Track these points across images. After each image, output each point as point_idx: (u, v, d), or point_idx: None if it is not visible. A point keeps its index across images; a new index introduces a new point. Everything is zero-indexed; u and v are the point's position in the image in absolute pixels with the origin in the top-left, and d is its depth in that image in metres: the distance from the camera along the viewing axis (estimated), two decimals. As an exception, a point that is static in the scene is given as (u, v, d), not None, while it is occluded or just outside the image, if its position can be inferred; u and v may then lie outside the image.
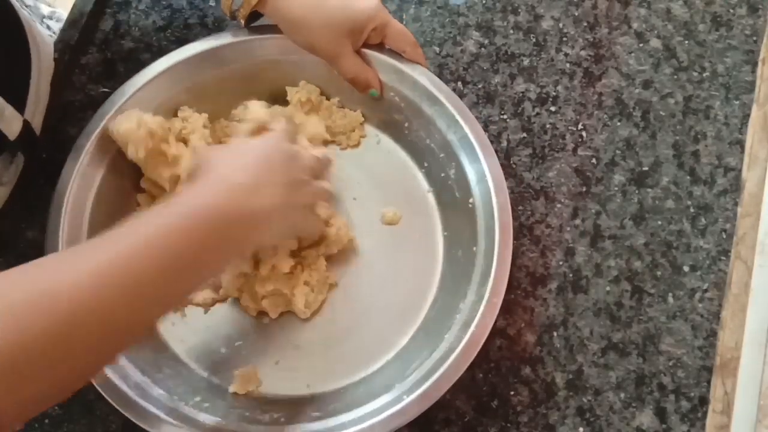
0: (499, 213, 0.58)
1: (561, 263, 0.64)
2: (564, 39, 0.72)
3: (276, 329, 0.62)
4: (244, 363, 0.60)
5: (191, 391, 0.57)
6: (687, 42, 0.72)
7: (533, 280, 0.64)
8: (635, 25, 0.73)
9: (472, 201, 0.60)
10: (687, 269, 0.64)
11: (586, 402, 0.60)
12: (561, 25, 0.73)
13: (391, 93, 0.64)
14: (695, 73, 0.71)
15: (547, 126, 0.69)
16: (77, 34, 0.69)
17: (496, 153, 0.67)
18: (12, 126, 0.59)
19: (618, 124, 0.69)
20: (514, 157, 0.68)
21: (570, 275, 0.64)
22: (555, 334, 0.62)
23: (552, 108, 0.70)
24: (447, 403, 0.60)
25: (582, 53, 0.72)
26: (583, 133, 0.69)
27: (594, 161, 0.68)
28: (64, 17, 0.75)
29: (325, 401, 0.58)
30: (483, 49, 0.72)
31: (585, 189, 0.67)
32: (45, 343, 0.37)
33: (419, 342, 0.60)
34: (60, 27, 0.73)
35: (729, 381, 0.60)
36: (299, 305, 0.60)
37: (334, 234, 0.61)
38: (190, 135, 0.62)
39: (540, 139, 0.68)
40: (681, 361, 0.61)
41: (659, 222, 0.66)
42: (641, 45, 0.72)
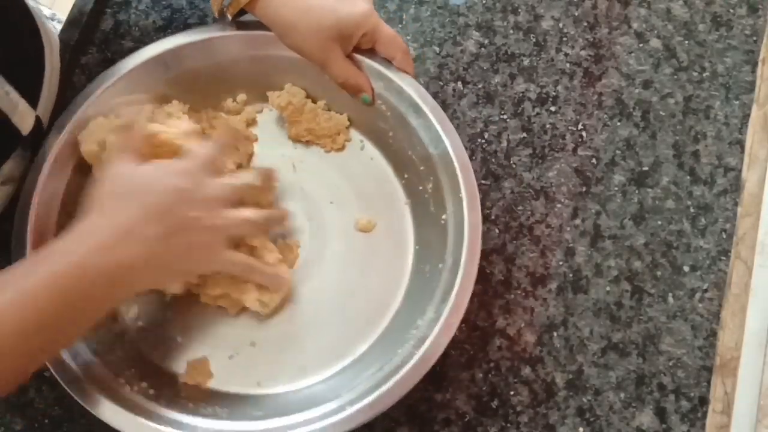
0: (470, 232, 0.57)
1: (561, 263, 0.64)
2: (564, 39, 0.72)
3: (235, 324, 0.61)
4: (198, 354, 0.60)
5: (140, 377, 0.57)
6: (687, 42, 0.72)
7: (533, 280, 0.64)
8: (635, 25, 0.73)
9: (444, 217, 0.60)
10: (687, 269, 0.64)
11: (586, 402, 0.60)
12: (561, 25, 0.73)
13: (379, 101, 0.63)
14: (695, 73, 0.71)
15: (547, 126, 0.69)
16: (77, 34, 0.70)
17: (495, 153, 0.68)
18: (25, 121, 0.59)
19: (618, 124, 0.69)
20: (514, 157, 0.68)
21: (570, 275, 0.64)
22: (555, 334, 0.62)
23: (552, 108, 0.70)
24: (447, 403, 0.60)
25: (582, 53, 0.72)
26: (583, 133, 0.69)
27: (594, 161, 0.68)
28: (62, 19, 0.75)
29: (272, 402, 0.58)
30: (483, 49, 0.72)
31: (585, 189, 0.67)
32: None
33: (374, 353, 0.59)
34: (60, 28, 0.73)
35: (729, 381, 0.60)
36: (254, 306, 0.59)
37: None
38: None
39: (540, 139, 0.68)
40: (681, 361, 0.61)
41: (659, 222, 0.66)
42: (641, 45, 0.72)
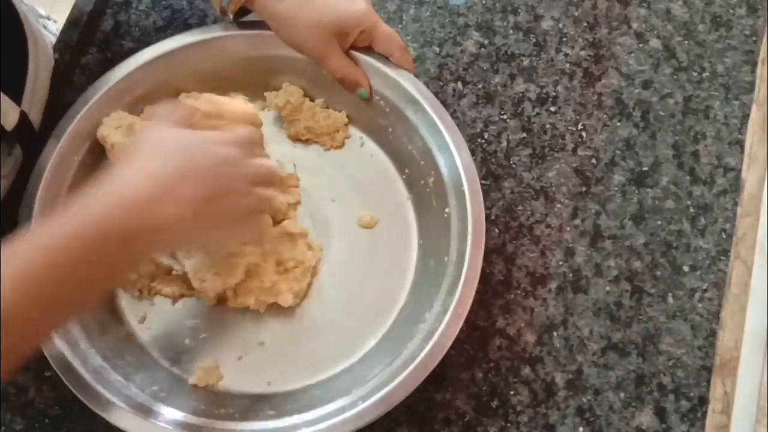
0: (473, 224, 0.57)
1: (561, 263, 0.64)
2: (564, 39, 0.72)
3: (243, 324, 0.61)
4: (207, 356, 0.60)
5: (150, 381, 0.57)
6: (687, 42, 0.72)
7: (533, 280, 0.64)
8: (635, 26, 0.73)
9: (447, 211, 0.60)
10: (687, 269, 0.64)
11: (585, 402, 0.60)
12: (561, 26, 0.73)
13: (377, 97, 0.63)
14: (695, 74, 0.71)
15: (547, 126, 0.69)
16: (77, 34, 0.70)
17: (495, 153, 0.68)
18: (8, 116, 0.58)
19: (618, 124, 0.69)
20: (513, 157, 0.68)
21: (570, 275, 0.64)
22: (555, 334, 0.62)
23: (552, 108, 0.70)
24: (447, 403, 0.60)
25: (582, 53, 0.72)
26: (583, 133, 0.69)
27: (594, 161, 0.68)
28: (59, 20, 0.75)
29: (283, 400, 0.58)
30: (483, 50, 0.72)
31: (585, 189, 0.67)
32: None
33: (383, 348, 0.60)
34: (58, 28, 0.73)
35: (729, 381, 0.60)
36: (288, 301, 0.59)
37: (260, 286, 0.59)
38: None
39: (540, 139, 0.68)
40: (681, 361, 0.61)
41: (659, 222, 0.66)
42: (641, 45, 0.72)
